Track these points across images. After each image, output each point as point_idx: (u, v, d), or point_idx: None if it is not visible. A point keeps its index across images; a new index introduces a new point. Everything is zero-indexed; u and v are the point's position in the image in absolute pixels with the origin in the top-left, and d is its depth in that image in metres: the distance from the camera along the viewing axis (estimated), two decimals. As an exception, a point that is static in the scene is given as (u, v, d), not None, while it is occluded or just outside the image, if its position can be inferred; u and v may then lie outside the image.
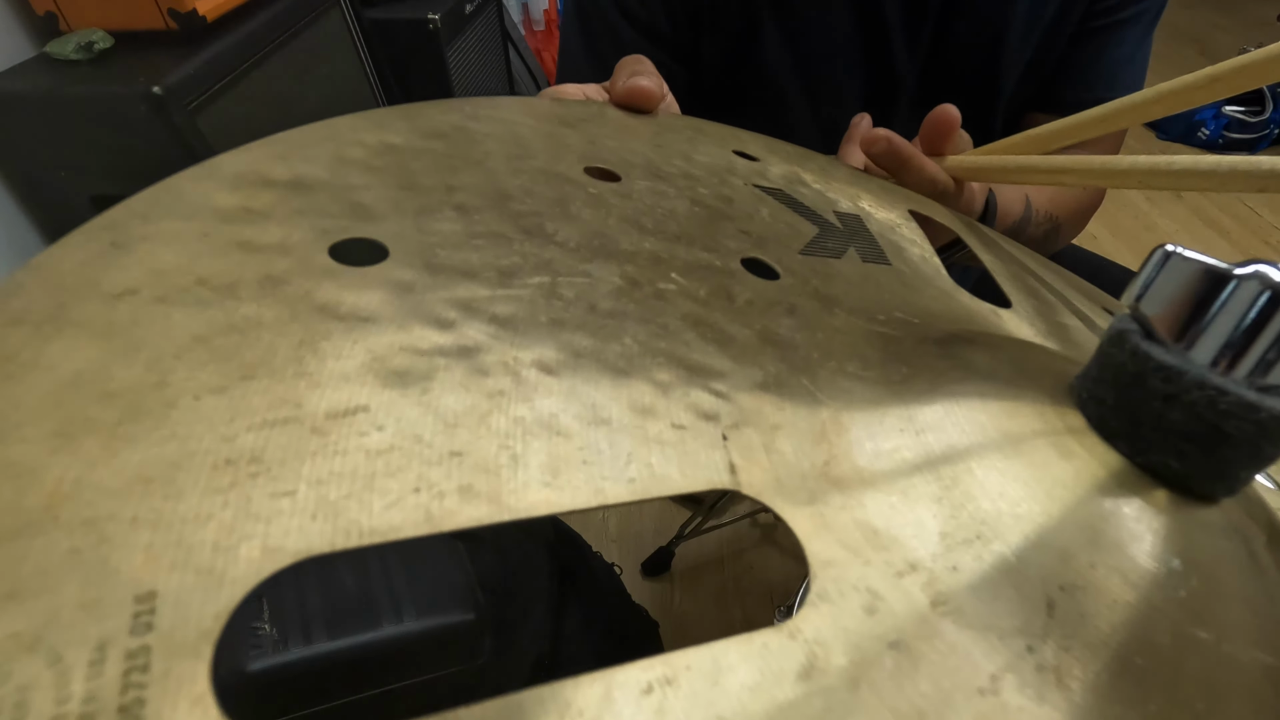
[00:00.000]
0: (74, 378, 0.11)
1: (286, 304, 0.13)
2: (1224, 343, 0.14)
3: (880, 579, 0.14)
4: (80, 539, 0.10)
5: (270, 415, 0.12)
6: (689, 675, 0.12)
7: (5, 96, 0.97)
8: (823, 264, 0.20)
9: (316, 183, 0.16)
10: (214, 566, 0.11)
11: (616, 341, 0.15)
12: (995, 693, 0.13)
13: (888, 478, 0.15)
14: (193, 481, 0.11)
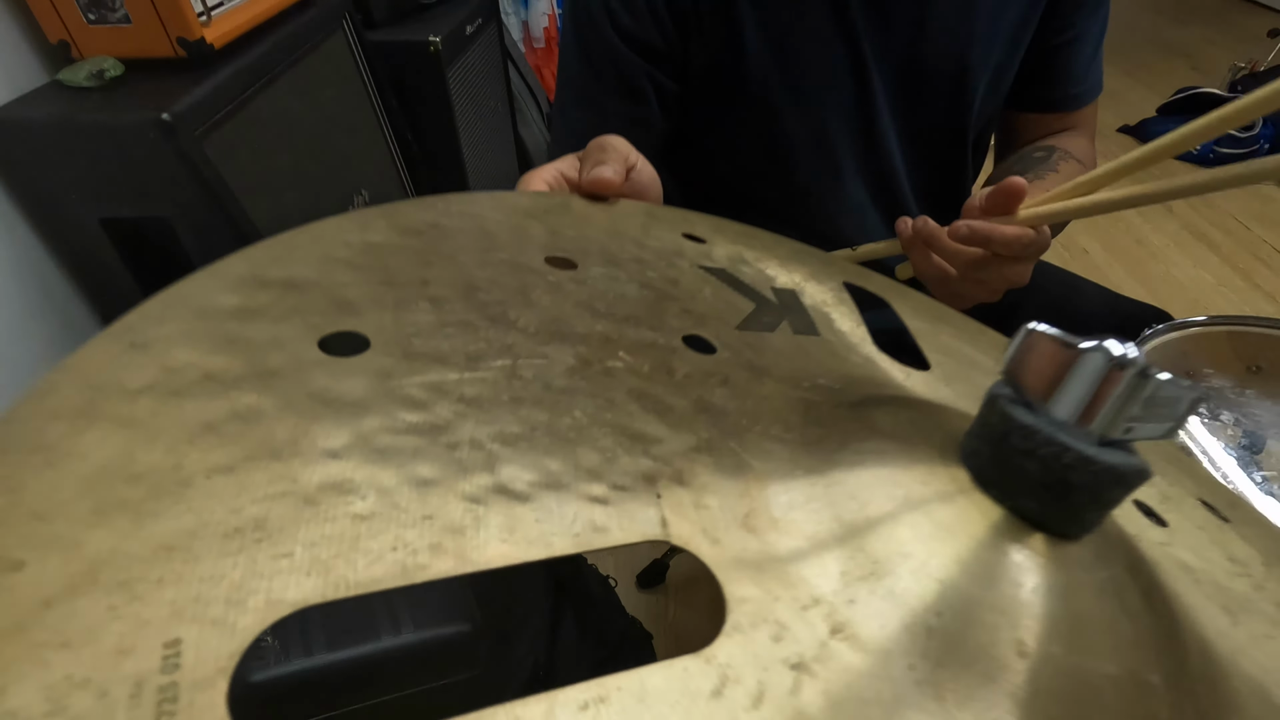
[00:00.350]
0: (104, 464, 0.14)
1: (282, 393, 0.16)
2: (1073, 405, 0.17)
3: (787, 611, 0.16)
4: (117, 598, 0.13)
5: (270, 490, 0.14)
6: (619, 695, 0.14)
7: (18, 123, 1.01)
8: (757, 338, 0.23)
9: (306, 282, 0.19)
10: (227, 617, 0.13)
11: (568, 415, 0.18)
12: (880, 703, 0.15)
13: (798, 526, 0.18)
14: (207, 547, 0.14)
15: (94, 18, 1.05)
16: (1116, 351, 0.16)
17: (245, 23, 1.21)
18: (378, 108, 1.66)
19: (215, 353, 0.17)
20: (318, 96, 1.42)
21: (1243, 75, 2.89)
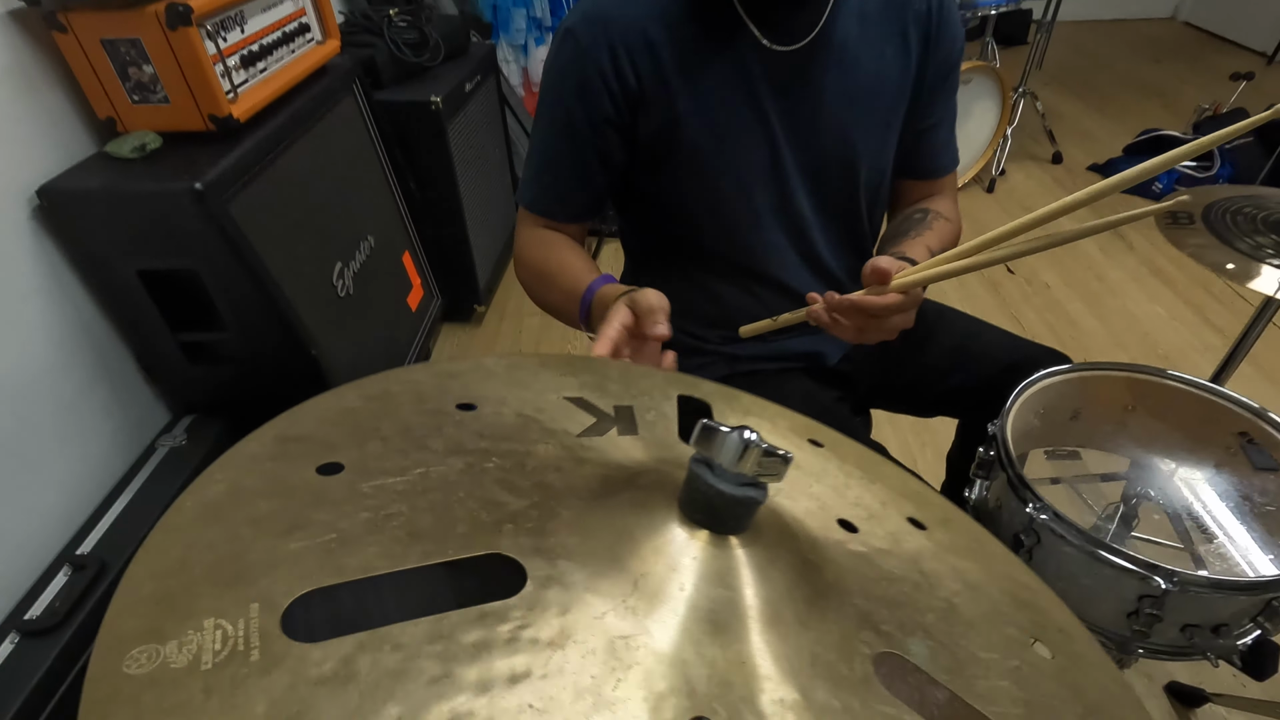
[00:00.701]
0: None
1: (296, 499, 0.29)
2: (726, 464, 0.30)
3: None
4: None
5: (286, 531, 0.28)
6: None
7: (70, 191, 1.17)
8: (590, 440, 0.37)
9: (306, 436, 0.33)
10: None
11: (455, 494, 0.31)
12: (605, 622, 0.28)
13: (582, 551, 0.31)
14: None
15: (138, 98, 1.22)
16: (748, 435, 0.30)
17: (267, 96, 1.37)
18: (384, 160, 1.82)
19: (264, 485, 0.30)
20: (330, 154, 1.58)
21: (1206, 116, 3.03)
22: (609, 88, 0.81)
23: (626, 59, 0.80)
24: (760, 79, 0.82)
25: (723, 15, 0.80)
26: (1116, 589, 0.77)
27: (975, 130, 2.81)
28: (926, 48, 0.86)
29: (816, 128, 0.85)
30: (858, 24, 0.83)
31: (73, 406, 1.23)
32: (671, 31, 0.80)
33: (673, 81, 0.81)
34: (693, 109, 0.83)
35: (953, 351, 1.02)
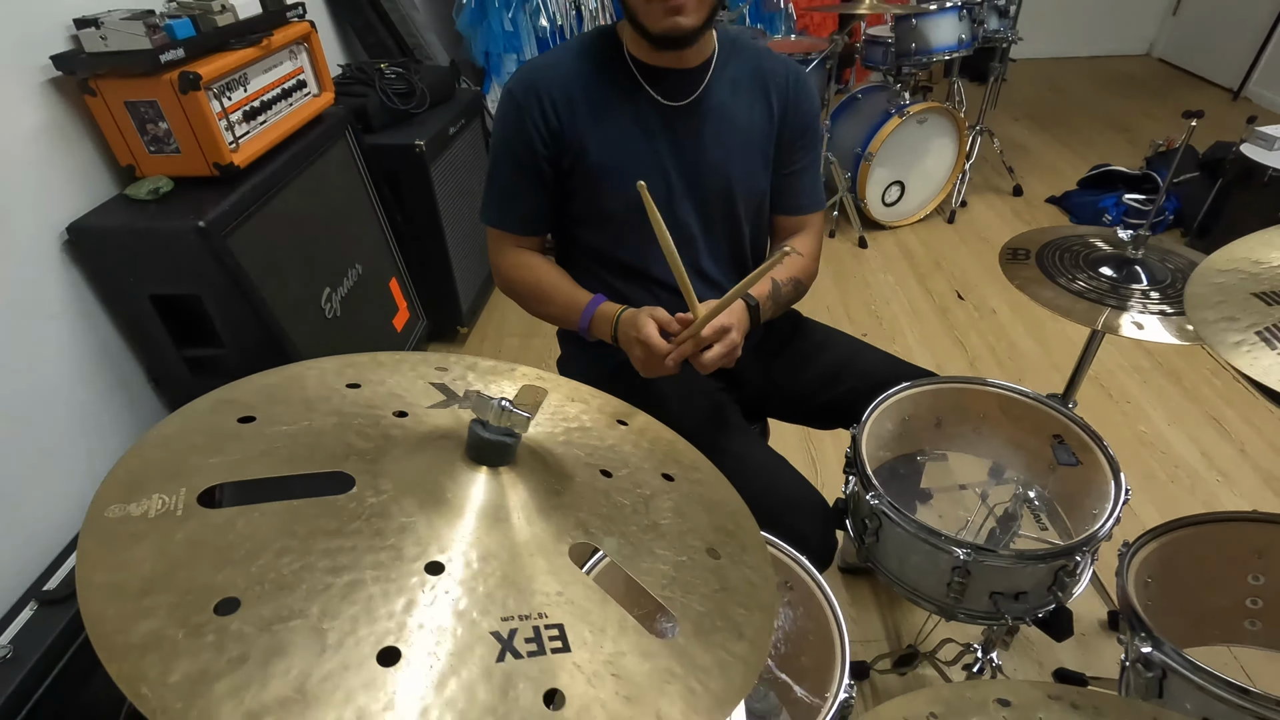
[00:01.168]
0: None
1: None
2: (490, 419, 0.48)
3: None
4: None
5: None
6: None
7: (95, 228, 1.37)
8: (437, 411, 0.55)
9: (233, 399, 0.52)
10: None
11: (324, 437, 0.50)
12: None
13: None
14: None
15: (154, 149, 1.43)
16: (501, 402, 0.48)
17: (267, 144, 1.58)
18: (373, 197, 2.03)
19: (201, 426, 0.49)
20: (323, 192, 1.79)
21: (1159, 151, 3.20)
22: (538, 132, 1.04)
23: (551, 110, 1.03)
24: (655, 126, 1.04)
25: (626, 79, 1.03)
26: (934, 562, 0.93)
27: (933, 166, 2.99)
28: (785, 110, 1.09)
29: (700, 164, 1.07)
30: (730, 90, 1.06)
31: (91, 410, 1.43)
32: (587, 90, 1.03)
33: (585, 127, 1.03)
34: (601, 148, 1.04)
35: (833, 368, 1.19)
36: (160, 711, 0.29)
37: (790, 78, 1.09)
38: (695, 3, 0.93)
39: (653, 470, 0.59)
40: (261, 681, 0.32)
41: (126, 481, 0.42)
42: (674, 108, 1.04)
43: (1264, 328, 0.65)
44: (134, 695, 0.30)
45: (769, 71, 1.08)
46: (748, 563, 0.52)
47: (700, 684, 0.41)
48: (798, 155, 1.13)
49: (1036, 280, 1.07)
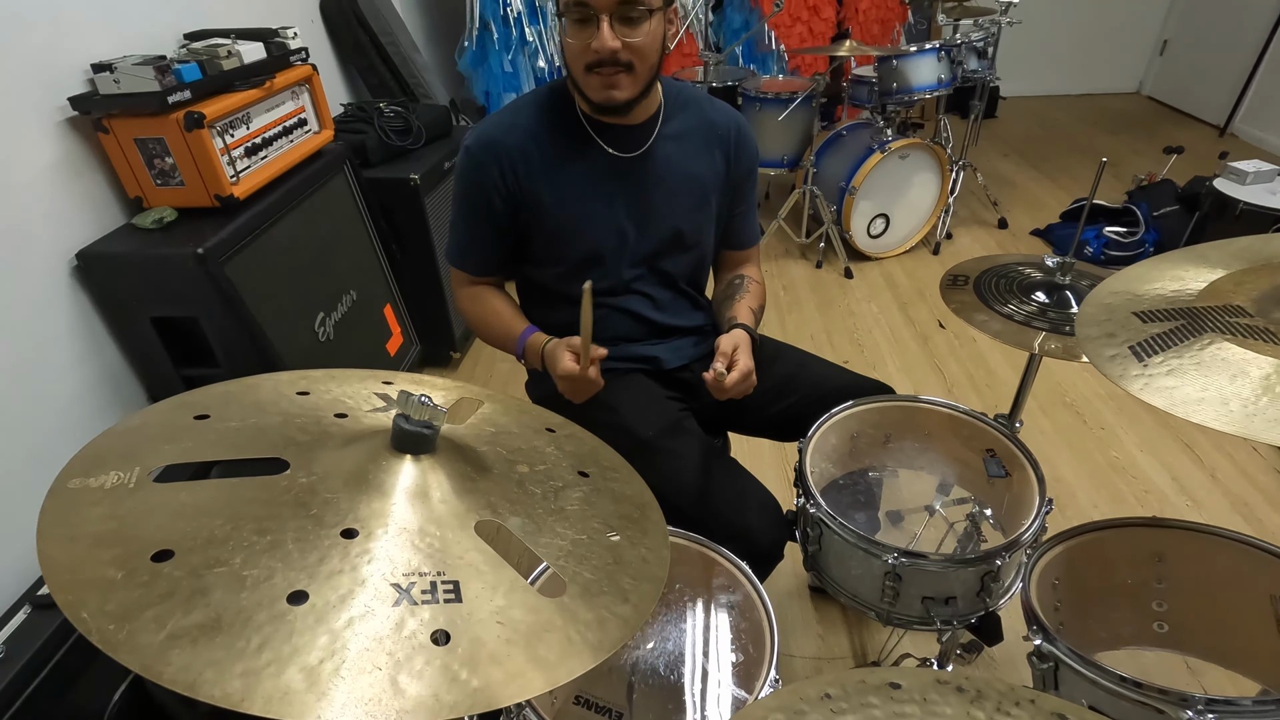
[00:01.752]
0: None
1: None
2: (411, 414, 0.55)
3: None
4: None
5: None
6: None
7: (102, 254, 1.47)
8: (371, 415, 0.62)
9: (193, 402, 0.59)
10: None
11: (268, 432, 0.57)
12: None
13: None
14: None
15: (160, 182, 1.54)
16: (420, 398, 0.55)
17: (267, 177, 1.69)
18: (370, 228, 2.14)
19: (160, 422, 0.56)
20: (320, 222, 1.89)
21: (1140, 185, 3.28)
22: (495, 188, 1.11)
23: (508, 167, 1.10)
24: (608, 177, 1.12)
25: (579, 133, 1.11)
26: (868, 567, 0.98)
27: (917, 199, 3.08)
28: (728, 159, 1.18)
29: (650, 212, 1.15)
30: (677, 142, 1.14)
31: (91, 424, 1.51)
32: (541, 146, 1.10)
33: (541, 182, 1.10)
34: (557, 201, 1.11)
35: (783, 380, 1.25)
36: (95, 630, 0.36)
37: (734, 128, 1.17)
38: (629, 80, 1.00)
39: (570, 468, 0.66)
40: (184, 611, 0.38)
41: (90, 460, 0.49)
42: (625, 159, 1.12)
43: (1135, 343, 0.71)
44: (75, 619, 0.36)
45: (715, 123, 1.16)
46: (645, 544, 0.59)
47: (578, 635, 0.47)
48: (741, 197, 1.22)
49: (972, 305, 1.13)
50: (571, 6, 0.96)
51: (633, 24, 0.97)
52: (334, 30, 2.51)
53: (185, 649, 0.36)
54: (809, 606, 1.63)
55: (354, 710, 0.36)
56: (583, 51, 0.98)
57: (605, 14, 0.95)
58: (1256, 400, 0.61)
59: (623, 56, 0.98)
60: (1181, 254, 0.84)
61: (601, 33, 0.95)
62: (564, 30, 1.00)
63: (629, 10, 0.96)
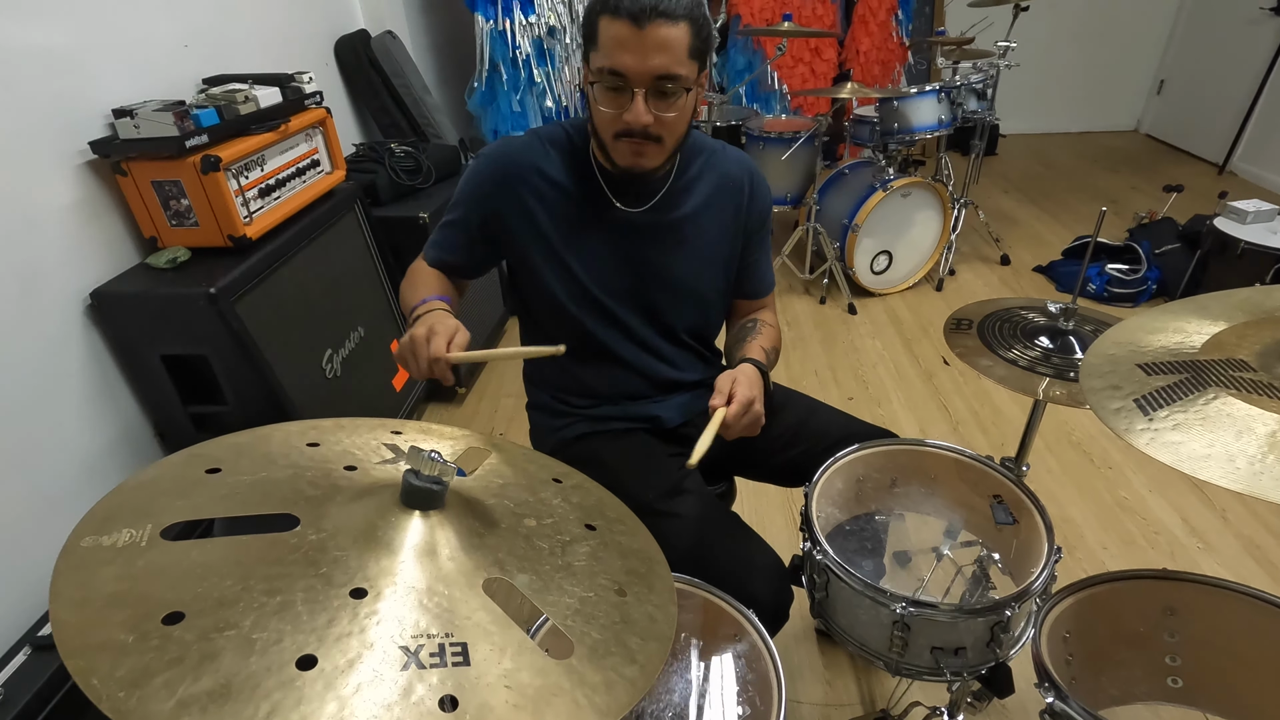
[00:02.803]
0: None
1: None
2: (422, 469, 0.56)
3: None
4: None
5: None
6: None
7: (116, 293, 1.50)
8: (380, 466, 0.63)
9: (205, 454, 0.60)
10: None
11: (278, 486, 0.57)
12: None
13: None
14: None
15: (175, 222, 1.57)
16: (430, 454, 0.55)
17: (279, 217, 1.72)
18: (379, 265, 2.16)
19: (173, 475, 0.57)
20: (330, 260, 1.92)
21: (1141, 223, 3.30)
22: (499, 198, 1.10)
23: (518, 185, 1.10)
24: (615, 229, 1.12)
25: (590, 180, 1.11)
26: (876, 616, 0.97)
27: (919, 236, 3.11)
28: (740, 209, 1.17)
29: (656, 268, 1.15)
30: (690, 196, 1.14)
31: (98, 462, 1.52)
32: (551, 179, 1.10)
33: (545, 215, 1.10)
34: (559, 240, 1.11)
35: (791, 428, 1.25)
36: (105, 698, 0.36)
37: (747, 177, 1.17)
38: (657, 150, 1.01)
39: (577, 521, 0.66)
40: (194, 677, 0.38)
41: (102, 518, 0.50)
42: (634, 213, 1.12)
43: (1140, 395, 0.71)
44: (85, 685, 0.37)
45: (729, 174, 1.16)
46: (652, 601, 0.58)
47: (586, 698, 0.47)
48: (754, 246, 1.22)
49: (976, 349, 1.14)
50: (606, 75, 0.95)
51: (667, 98, 0.97)
52: (347, 72, 2.58)
53: (195, 718, 0.36)
54: (815, 651, 1.61)
55: None
56: (614, 120, 0.98)
57: (641, 88, 0.95)
58: (1264, 458, 0.61)
59: (654, 130, 0.98)
60: (1182, 304, 0.85)
61: (636, 107, 0.95)
62: (595, 96, 0.99)
63: (664, 85, 0.95)
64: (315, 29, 2.44)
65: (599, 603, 0.56)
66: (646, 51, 0.93)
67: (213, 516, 0.52)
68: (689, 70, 0.97)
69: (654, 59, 0.93)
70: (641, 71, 0.94)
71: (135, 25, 1.63)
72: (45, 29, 1.41)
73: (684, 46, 0.95)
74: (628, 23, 0.92)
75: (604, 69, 0.95)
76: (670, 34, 0.93)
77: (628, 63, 0.93)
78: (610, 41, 0.94)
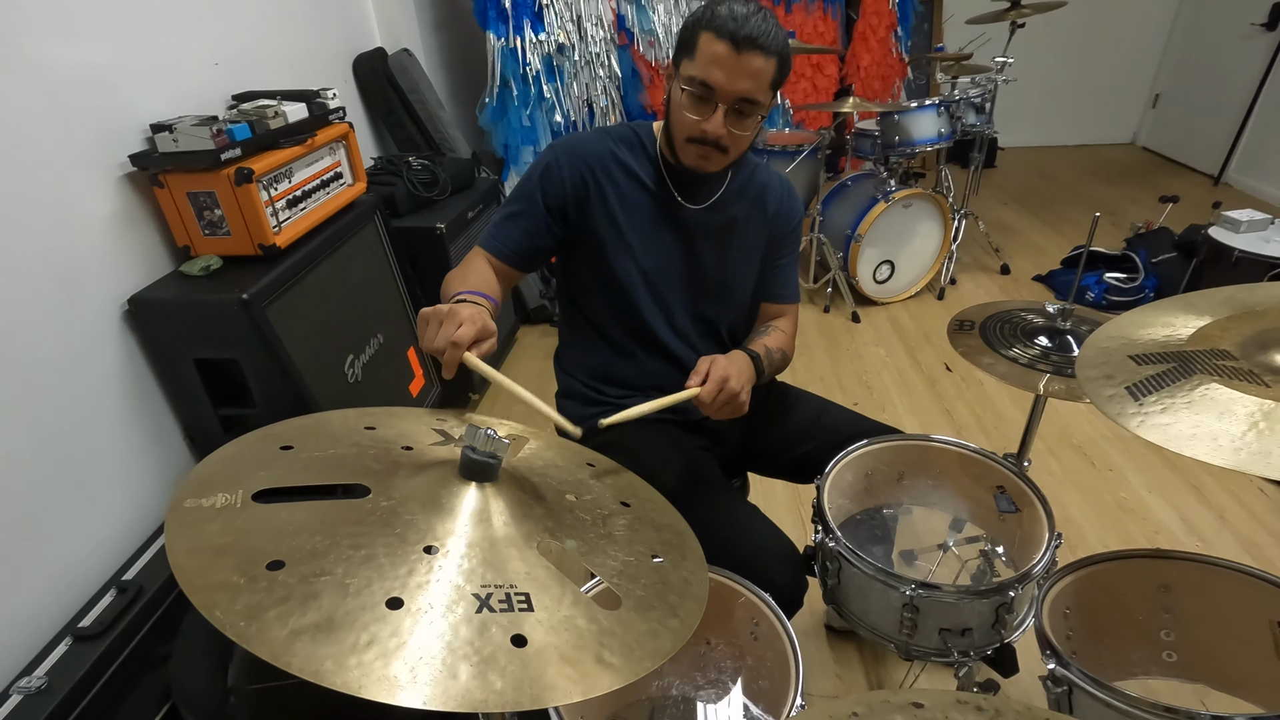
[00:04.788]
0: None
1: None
2: (477, 445, 0.61)
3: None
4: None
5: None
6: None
7: (152, 300, 1.56)
8: (434, 447, 0.68)
9: (277, 433, 0.66)
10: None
11: (346, 461, 0.63)
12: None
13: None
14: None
15: (208, 232, 1.63)
16: (487, 431, 0.61)
17: (306, 227, 1.79)
18: (397, 274, 2.23)
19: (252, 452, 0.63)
20: (352, 269, 1.99)
21: (1138, 233, 3.37)
22: (568, 186, 1.17)
23: (588, 174, 1.16)
24: (671, 220, 1.20)
25: (654, 173, 1.19)
26: (887, 599, 1.02)
27: (921, 246, 3.18)
28: (777, 215, 1.27)
29: (706, 263, 1.23)
30: (738, 199, 1.23)
31: (131, 461, 1.57)
32: (618, 168, 1.18)
33: (609, 196, 1.17)
34: (618, 221, 1.18)
35: (802, 425, 1.31)
36: (229, 626, 0.42)
37: (783, 189, 1.28)
38: (722, 158, 1.09)
39: (612, 499, 0.72)
40: (301, 613, 0.44)
41: (197, 485, 0.56)
42: (694, 210, 1.20)
43: (1131, 383, 0.77)
44: (210, 616, 0.42)
45: (766, 183, 1.27)
46: (686, 567, 0.64)
47: (636, 642, 0.52)
48: (784, 252, 1.31)
49: (978, 349, 1.20)
50: (697, 84, 1.02)
51: (743, 118, 1.05)
52: (365, 89, 2.66)
53: (306, 643, 0.42)
54: (825, 646, 1.65)
55: (455, 699, 0.41)
56: (691, 125, 1.06)
57: (725, 104, 1.03)
58: (1243, 436, 0.66)
59: (724, 142, 1.06)
60: (1171, 301, 0.91)
61: (716, 119, 1.03)
62: (681, 100, 1.05)
63: (744, 106, 1.03)
64: (335, 47, 2.52)
65: (640, 567, 0.61)
66: (738, 74, 1.01)
67: (294, 484, 0.57)
68: (766, 98, 1.05)
69: (742, 83, 1.01)
70: (729, 90, 1.02)
71: (170, 45, 1.71)
72: (90, 50, 1.48)
73: (769, 77, 1.03)
74: (728, 44, 0.99)
75: (696, 78, 1.02)
76: (761, 64, 1.01)
77: (719, 79, 1.01)
78: (707, 56, 1.01)
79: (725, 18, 1.00)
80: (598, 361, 1.29)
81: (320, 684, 0.40)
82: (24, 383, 1.33)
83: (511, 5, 3.01)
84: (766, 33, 1.00)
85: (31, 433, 1.34)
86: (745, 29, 0.99)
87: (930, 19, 4.53)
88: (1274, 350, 0.75)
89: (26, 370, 1.33)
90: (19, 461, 1.32)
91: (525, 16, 3.06)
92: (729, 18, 1.00)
